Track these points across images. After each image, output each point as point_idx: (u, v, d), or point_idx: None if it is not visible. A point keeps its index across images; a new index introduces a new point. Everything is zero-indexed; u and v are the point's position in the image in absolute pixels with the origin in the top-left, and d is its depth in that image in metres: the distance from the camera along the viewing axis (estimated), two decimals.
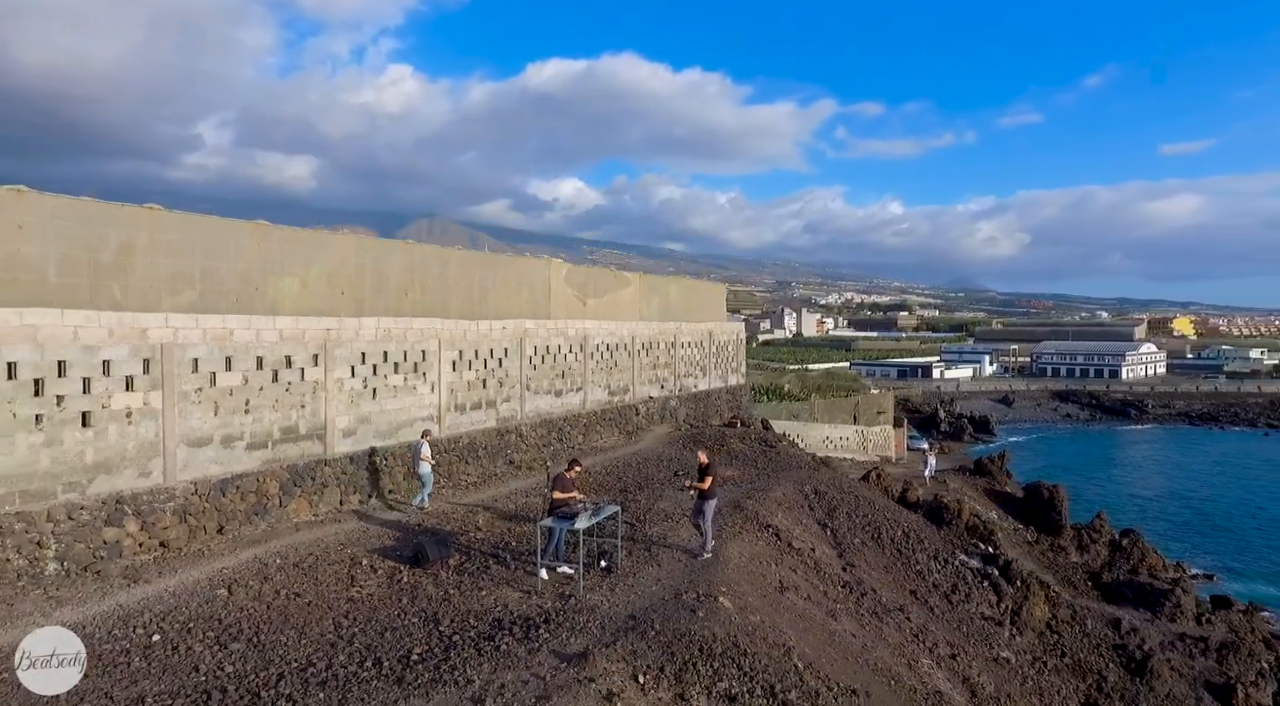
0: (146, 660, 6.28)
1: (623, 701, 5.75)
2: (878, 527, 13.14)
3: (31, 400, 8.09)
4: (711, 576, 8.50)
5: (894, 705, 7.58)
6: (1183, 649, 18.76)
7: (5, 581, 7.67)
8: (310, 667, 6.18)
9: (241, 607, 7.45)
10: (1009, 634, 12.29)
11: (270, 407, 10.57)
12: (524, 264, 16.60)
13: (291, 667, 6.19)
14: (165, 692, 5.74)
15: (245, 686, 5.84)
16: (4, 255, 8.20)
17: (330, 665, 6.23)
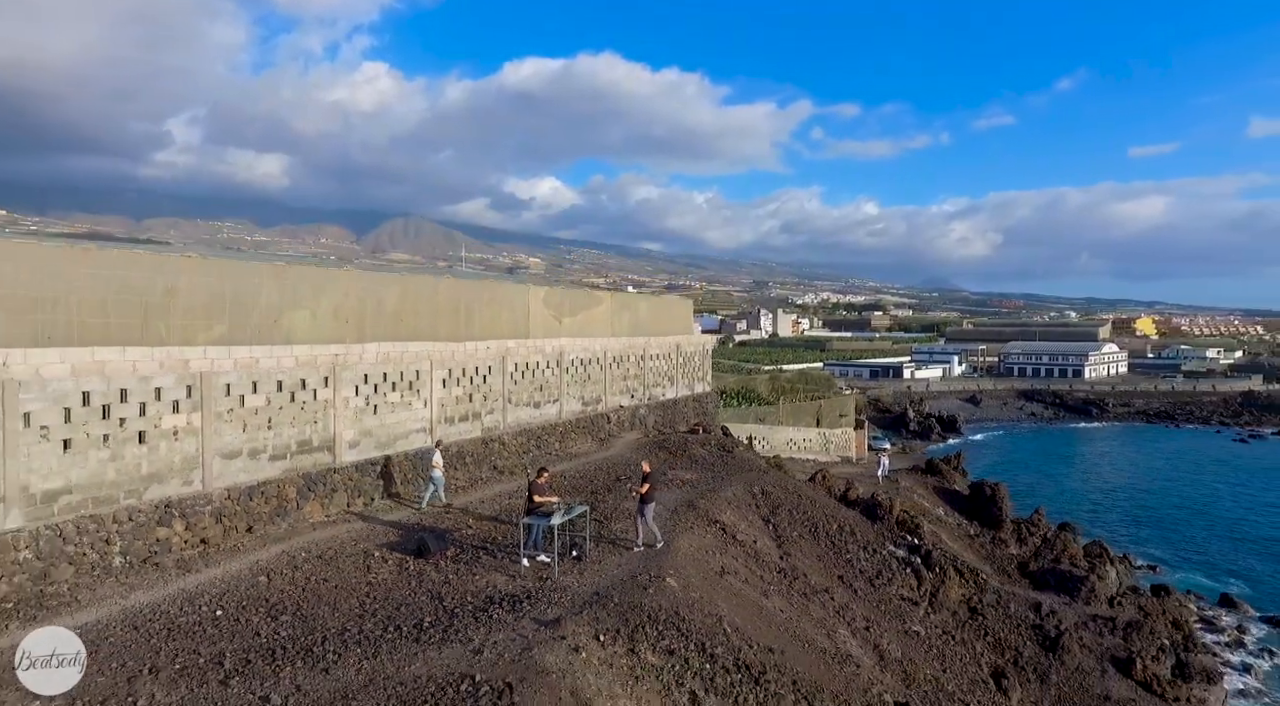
0: (217, 628, 8.11)
1: (586, 652, 7.69)
2: (816, 523, 15.23)
3: (100, 422, 9.83)
4: (662, 563, 10.47)
5: (804, 661, 9.62)
6: (1094, 628, 21.19)
7: (83, 571, 9.41)
8: (346, 632, 8.05)
9: (281, 590, 9.28)
10: (924, 612, 14.40)
11: (288, 424, 12.36)
12: (505, 289, 18.47)
13: (331, 632, 8.05)
14: (239, 650, 7.57)
15: (298, 645, 7.69)
16: (76, 302, 9.93)
17: (361, 629, 8.10)
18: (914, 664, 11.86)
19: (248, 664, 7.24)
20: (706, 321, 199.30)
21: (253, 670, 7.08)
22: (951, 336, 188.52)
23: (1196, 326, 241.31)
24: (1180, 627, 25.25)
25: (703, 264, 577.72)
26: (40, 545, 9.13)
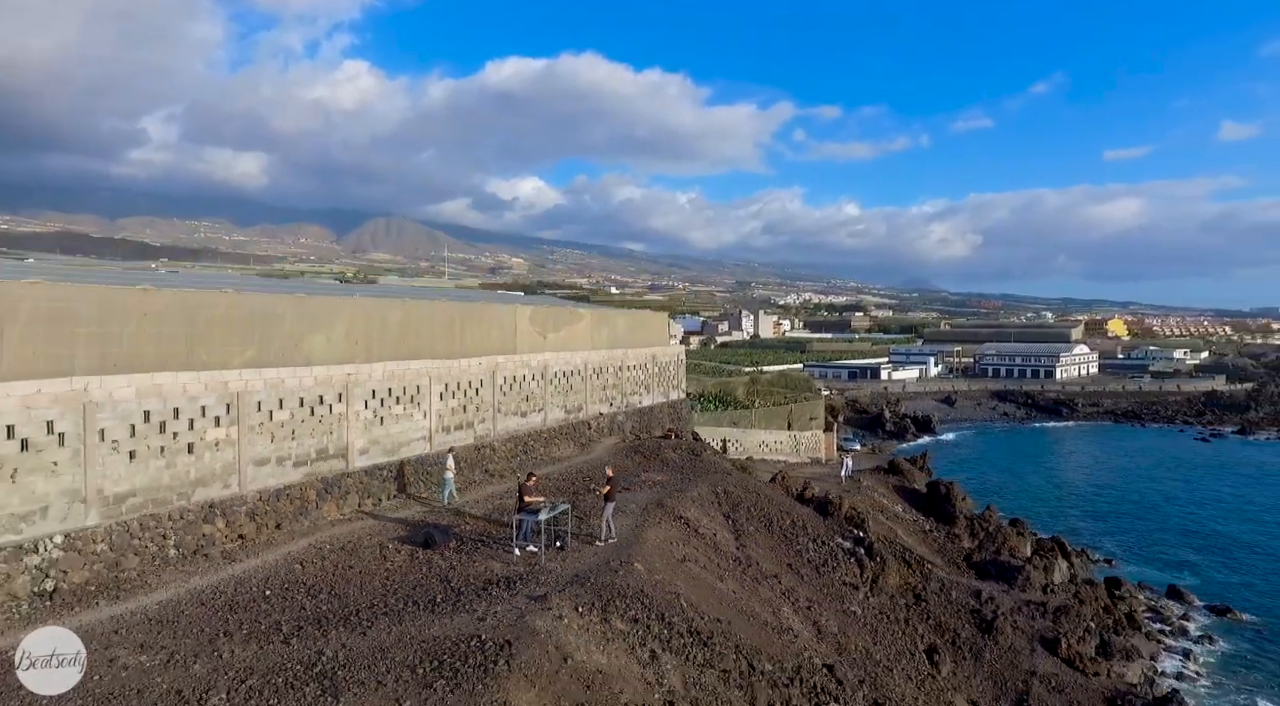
0: (269, 604, 10.06)
1: (568, 620, 9.73)
2: (771, 518, 17.37)
3: (158, 436, 11.71)
4: (632, 551, 12.54)
5: (748, 630, 11.73)
6: (1027, 612, 23.59)
7: (146, 561, 11.30)
8: (374, 606, 10.03)
9: (315, 574, 11.23)
10: (863, 596, 16.54)
11: (309, 435, 14.27)
12: (494, 309, 20.44)
13: (362, 606, 10.03)
14: (290, 619, 9.54)
15: (337, 616, 9.66)
16: (138, 335, 11.81)
17: (386, 604, 10.09)
18: (848, 637, 14.01)
19: (300, 629, 9.19)
20: (689, 323, 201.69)
21: (305, 633, 9.04)
22: (929, 338, 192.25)
23: (1168, 327, 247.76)
24: (1111, 612, 27.80)
25: (685, 264, 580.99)
26: (112, 539, 11.01)
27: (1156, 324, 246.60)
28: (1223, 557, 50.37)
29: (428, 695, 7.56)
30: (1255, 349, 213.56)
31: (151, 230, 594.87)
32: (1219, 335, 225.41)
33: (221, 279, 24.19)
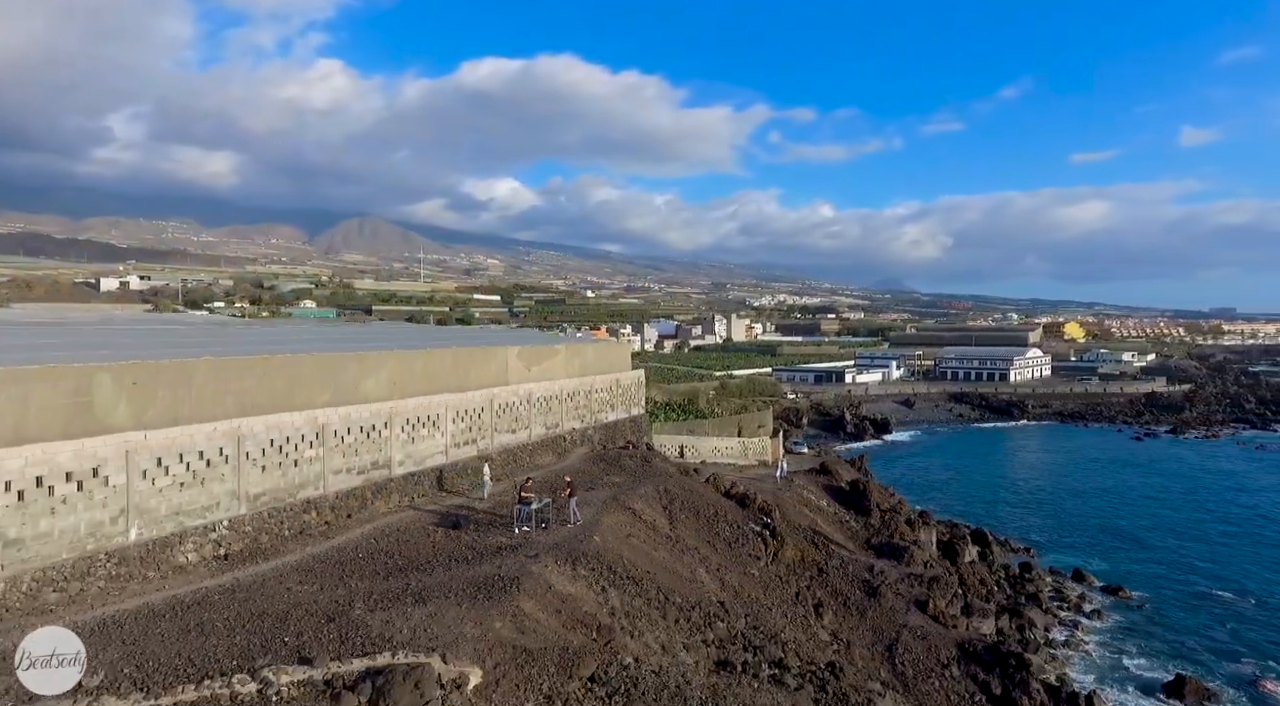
0: (364, 561, 16.29)
1: (551, 568, 16.06)
2: (699, 509, 23.84)
3: (277, 455, 17.84)
4: (592, 530, 18.91)
5: (669, 580, 18.17)
6: (908, 582, 30.37)
7: (272, 537, 17.42)
8: (430, 561, 16.30)
9: (385, 545, 17.45)
10: (764, 564, 22.98)
11: (365, 452, 20.44)
12: (492, 351, 26.69)
13: (421, 562, 16.28)
14: (380, 569, 15.78)
15: (409, 566, 15.92)
16: (261, 388, 17.93)
17: (437, 560, 16.36)
18: (744, 589, 20.50)
19: (389, 573, 15.45)
20: (663, 327, 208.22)
21: (393, 575, 15.29)
22: (895, 341, 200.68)
23: (1126, 328, 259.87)
24: (985, 584, 34.82)
25: (662, 265, 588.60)
26: (253, 524, 17.14)
27: (1115, 326, 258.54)
28: (1131, 544, 58.52)
29: (475, 602, 13.86)
30: (1205, 350, 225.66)
31: (117, 231, 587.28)
32: (1173, 336, 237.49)
33: (295, 332, 30.19)
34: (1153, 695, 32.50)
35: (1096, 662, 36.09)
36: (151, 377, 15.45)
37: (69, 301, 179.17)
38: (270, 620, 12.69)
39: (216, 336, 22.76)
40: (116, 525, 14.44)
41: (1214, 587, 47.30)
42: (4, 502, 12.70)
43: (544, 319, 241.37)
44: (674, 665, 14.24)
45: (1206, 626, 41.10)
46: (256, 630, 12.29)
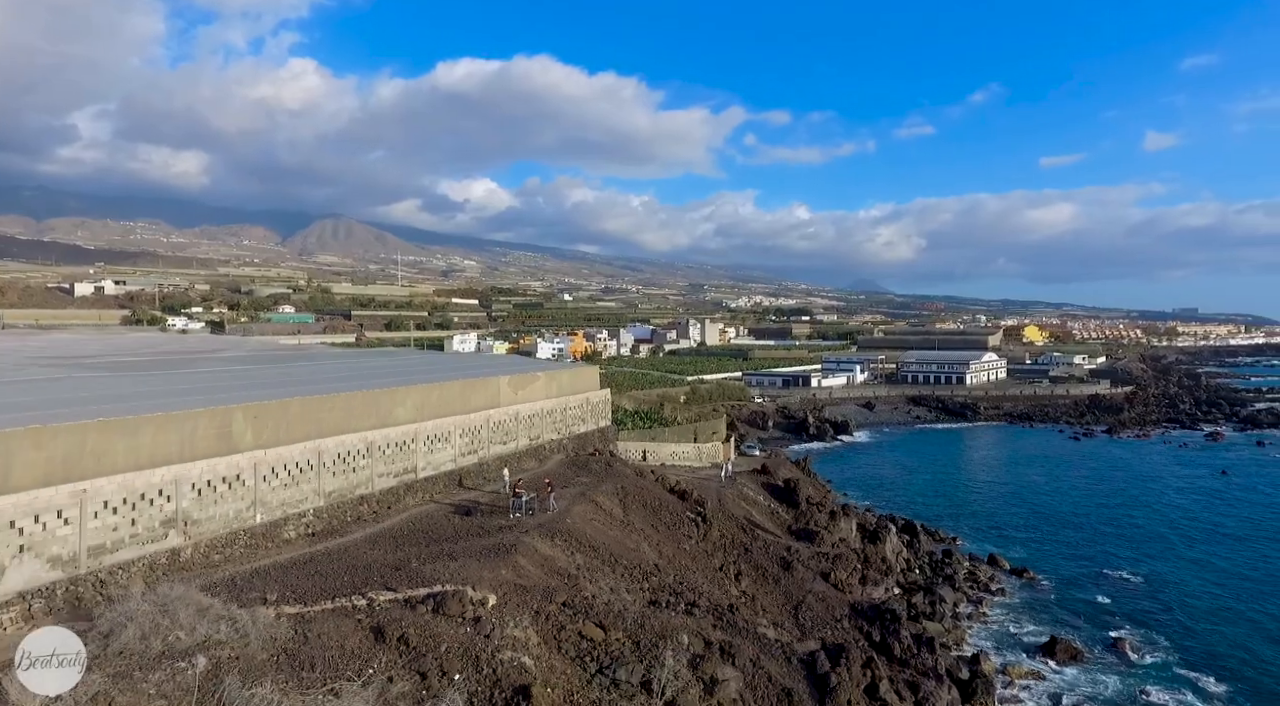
0: (408, 536, 24.18)
1: (537, 541, 24.08)
2: (647, 501, 31.94)
3: (341, 464, 25.65)
4: (565, 516, 26.98)
5: (619, 550, 26.27)
6: (817, 559, 38.69)
7: (340, 522, 25.21)
8: (453, 536, 24.25)
9: (420, 527, 25.35)
10: (694, 542, 31.07)
11: (397, 460, 28.29)
12: (489, 381, 34.60)
13: (447, 536, 24.23)
14: (420, 540, 23.71)
15: (440, 539, 23.85)
16: (330, 419, 25.70)
17: (458, 535, 24.31)
18: (676, 558, 28.67)
19: (428, 542, 23.40)
20: (639, 331, 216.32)
21: (430, 544, 23.23)
22: (863, 344, 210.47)
23: (1088, 330, 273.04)
24: (885, 560, 43.34)
25: (639, 266, 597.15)
26: (328, 512, 24.95)
27: (1078, 327, 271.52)
28: (1047, 533, 67.97)
29: (487, 559, 21.85)
30: (1158, 351, 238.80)
31: (83, 231, 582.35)
32: (1130, 338, 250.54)
33: (338, 368, 37.84)
34: (1031, 654, 41.25)
35: (992, 630, 44.94)
36: (264, 413, 23.25)
37: (43, 307, 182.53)
38: (360, 570, 20.58)
39: (280, 368, 30.61)
40: (249, 512, 22.23)
41: (1110, 569, 56.69)
42: (192, 496, 20.45)
43: (522, 323, 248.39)
44: (618, 599, 22.35)
45: (1093, 601, 50.16)
46: (354, 574, 20.17)
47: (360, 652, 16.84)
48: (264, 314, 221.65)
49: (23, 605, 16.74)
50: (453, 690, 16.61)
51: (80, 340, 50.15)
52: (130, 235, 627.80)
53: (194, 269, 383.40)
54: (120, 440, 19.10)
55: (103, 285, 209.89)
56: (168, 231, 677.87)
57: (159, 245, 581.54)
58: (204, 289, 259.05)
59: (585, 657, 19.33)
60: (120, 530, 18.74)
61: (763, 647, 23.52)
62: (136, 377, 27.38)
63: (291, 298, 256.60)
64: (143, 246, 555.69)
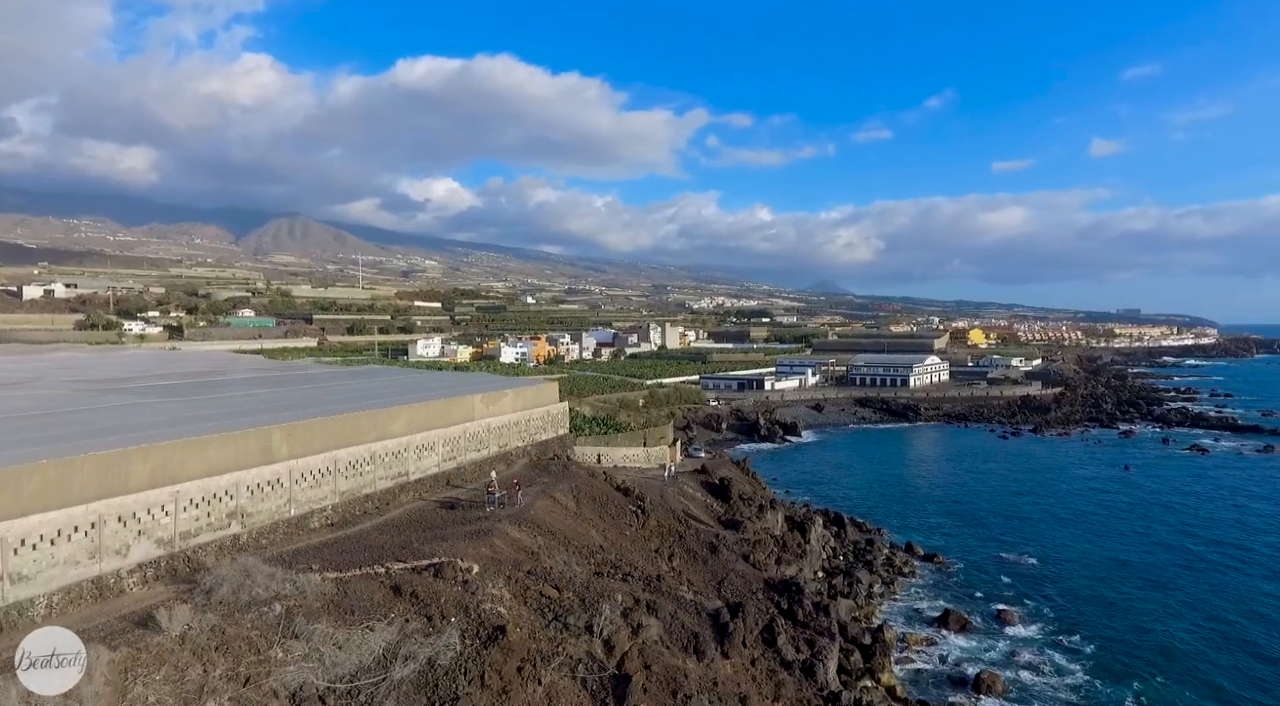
0: (407, 523, 31.61)
1: (508, 527, 31.71)
2: (596, 498, 39.69)
3: (351, 469, 32.93)
4: (529, 509, 34.65)
5: (573, 535, 34.00)
6: (740, 544, 46.87)
7: (351, 514, 32.48)
8: (442, 524, 31.79)
9: (415, 518, 32.78)
10: (634, 529, 38.81)
11: (394, 466, 35.62)
12: (465, 399, 41.98)
13: (437, 524, 31.75)
14: (416, 527, 31.17)
15: (432, 525, 31.33)
16: (341, 434, 32.94)
17: (445, 523, 31.84)
18: (618, 542, 36.49)
19: (423, 529, 30.87)
20: (601, 335, 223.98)
21: (425, 530, 30.71)
22: (818, 347, 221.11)
23: (1033, 332, 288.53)
24: (800, 547, 51.79)
25: (602, 267, 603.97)
26: (342, 508, 32.22)
27: (1024, 329, 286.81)
28: (963, 523, 77.71)
29: (470, 540, 29.42)
30: (1095, 352, 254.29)
31: (24, 229, 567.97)
32: (1071, 339, 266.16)
33: (344, 390, 44.86)
34: (928, 625, 49.99)
35: (899, 606, 53.75)
36: (294, 432, 30.47)
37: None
38: (375, 549, 27.99)
39: (294, 390, 37.80)
40: (285, 507, 29.44)
41: (1010, 553, 66.34)
42: (246, 495, 27.62)
43: (485, 327, 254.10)
44: (570, 570, 30.10)
45: (991, 579, 59.47)
46: (371, 552, 27.56)
47: (384, 603, 24.37)
48: (223, 318, 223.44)
49: (141, 573, 23.84)
50: (450, 628, 24.20)
51: (90, 360, 55.94)
52: (74, 233, 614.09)
53: (145, 269, 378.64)
54: (197, 454, 26.24)
55: (52, 288, 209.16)
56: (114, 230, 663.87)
57: (105, 244, 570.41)
58: (159, 291, 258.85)
59: (544, 609, 27.09)
60: (200, 520, 25.90)
61: (680, 605, 31.51)
62: (184, 402, 34.27)
63: (251, 301, 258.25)
64: (88, 245, 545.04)
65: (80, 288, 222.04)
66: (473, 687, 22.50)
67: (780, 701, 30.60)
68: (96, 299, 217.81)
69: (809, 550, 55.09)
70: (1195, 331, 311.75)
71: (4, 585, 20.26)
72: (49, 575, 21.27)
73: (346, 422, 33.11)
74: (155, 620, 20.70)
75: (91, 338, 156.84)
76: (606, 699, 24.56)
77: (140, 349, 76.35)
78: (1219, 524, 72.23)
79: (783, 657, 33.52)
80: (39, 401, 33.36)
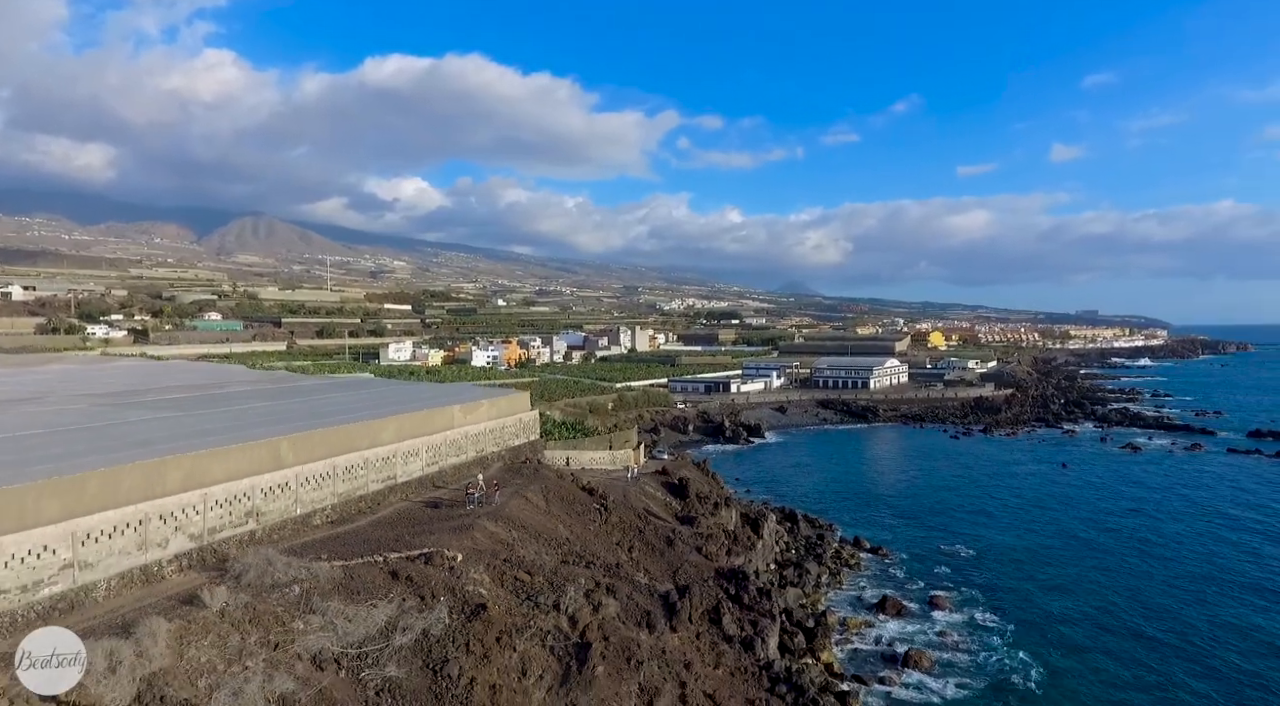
0: (399, 520, 36.68)
1: (486, 523, 36.93)
2: (564, 497, 45.01)
3: (349, 473, 37.88)
4: (504, 508, 39.89)
5: (544, 529, 39.31)
6: (694, 538, 52.56)
7: (347, 513, 37.42)
8: (429, 521, 36.91)
9: (404, 516, 37.84)
10: (597, 524, 44.13)
11: (383, 470, 40.62)
12: (446, 410, 47.01)
13: (424, 521, 36.89)
14: (406, 523, 36.27)
15: (420, 521, 36.45)
16: (343, 443, 37.85)
17: (432, 519, 37.00)
18: (583, 536, 41.87)
19: (411, 524, 35.97)
20: (571, 338, 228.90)
21: (414, 525, 35.81)
22: (784, 350, 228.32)
23: (993, 333, 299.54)
24: (753, 539, 57.62)
25: (574, 268, 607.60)
26: (340, 508, 37.20)
27: (985, 331, 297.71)
28: (910, 518, 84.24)
29: (454, 534, 34.61)
30: (1050, 353, 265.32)
31: None
32: (1029, 341, 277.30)
33: (342, 401, 49.58)
34: (867, 611, 55.99)
35: (844, 595, 59.72)
36: (299, 442, 35.36)
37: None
38: (372, 542, 33.03)
39: (292, 402, 42.59)
40: (292, 507, 34.33)
41: (949, 544, 72.93)
42: (262, 495, 32.48)
43: (456, 330, 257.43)
44: (539, 559, 35.41)
45: (929, 570, 65.82)
46: (369, 544, 32.61)
47: (384, 585, 29.52)
48: (189, 321, 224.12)
49: (177, 562, 28.66)
50: (440, 605, 29.41)
51: (86, 372, 59.76)
52: (27, 231, 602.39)
53: (103, 269, 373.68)
54: (220, 462, 31.08)
55: (9, 290, 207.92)
56: (69, 228, 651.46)
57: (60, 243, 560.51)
58: (121, 294, 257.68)
59: (518, 590, 32.42)
60: (223, 518, 30.76)
61: (635, 588, 37.02)
62: (199, 416, 38.91)
63: (217, 304, 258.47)
64: (42, 244, 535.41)
65: (39, 290, 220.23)
66: (459, 653, 27.78)
67: (720, 668, 36.25)
68: (57, 302, 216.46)
69: (762, 543, 60.88)
70: (1146, 332, 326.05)
71: (75, 571, 25.04)
72: (107, 563, 26.08)
73: (343, 433, 38.06)
74: (199, 598, 25.67)
75: (56, 343, 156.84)
76: (570, 663, 29.97)
77: (127, 361, 79.93)
78: (1136, 516, 79.79)
79: (725, 633, 39.16)
80: (73, 416, 37.76)
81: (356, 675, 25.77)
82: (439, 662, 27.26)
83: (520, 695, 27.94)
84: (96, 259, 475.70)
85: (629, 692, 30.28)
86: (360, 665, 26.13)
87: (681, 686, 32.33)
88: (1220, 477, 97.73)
